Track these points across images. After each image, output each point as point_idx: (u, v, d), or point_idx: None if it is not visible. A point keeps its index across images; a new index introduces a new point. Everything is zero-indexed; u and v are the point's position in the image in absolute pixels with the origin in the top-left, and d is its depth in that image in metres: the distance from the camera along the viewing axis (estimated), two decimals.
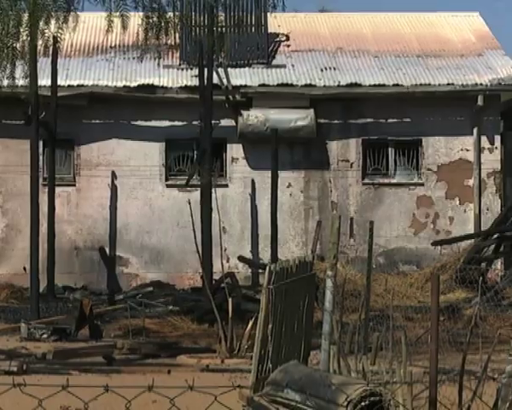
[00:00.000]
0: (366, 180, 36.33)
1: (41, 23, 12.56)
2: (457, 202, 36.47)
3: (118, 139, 35.44)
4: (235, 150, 35.63)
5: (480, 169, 36.47)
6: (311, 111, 35.66)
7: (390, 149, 36.70)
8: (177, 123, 35.03)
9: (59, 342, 23.97)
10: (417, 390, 16.30)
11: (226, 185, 34.72)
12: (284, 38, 37.22)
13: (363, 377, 17.94)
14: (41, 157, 31.48)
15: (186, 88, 34.17)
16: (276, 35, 37.11)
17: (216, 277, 30.08)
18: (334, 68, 36.78)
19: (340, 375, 18.30)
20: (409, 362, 17.26)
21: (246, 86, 35.24)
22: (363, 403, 16.06)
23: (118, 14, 12.27)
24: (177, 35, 16.28)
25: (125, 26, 11.79)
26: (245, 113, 35.30)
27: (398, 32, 39.03)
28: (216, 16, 32.19)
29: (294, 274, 20.20)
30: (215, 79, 33.01)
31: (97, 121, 35.08)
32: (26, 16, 12.06)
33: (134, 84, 34.49)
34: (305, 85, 36.09)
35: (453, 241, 35.08)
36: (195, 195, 32.59)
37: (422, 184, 36.51)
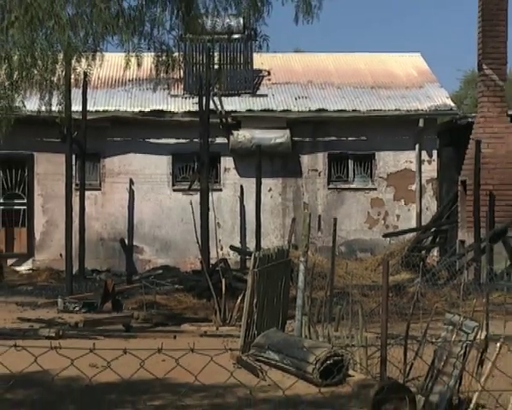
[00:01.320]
0: (331, 185, 36.35)
1: (73, 61, 12.47)
2: (403, 203, 36.51)
3: (134, 153, 35.41)
4: (227, 162, 35.60)
5: (420, 177, 36.54)
6: (288, 131, 35.66)
7: (350, 160, 36.72)
8: (181, 140, 34.98)
9: (88, 313, 23.95)
10: (371, 352, 16.29)
11: (220, 190, 34.66)
12: (266, 72, 37.19)
13: (329, 341, 17.92)
14: (74, 167, 31.41)
15: (189, 113, 34.11)
16: (260, 71, 37.07)
17: (212, 262, 30.06)
18: (306, 97, 36.74)
19: (310, 339, 18.30)
20: (364, 329, 17.26)
21: (236, 111, 35.22)
22: (328, 362, 16.11)
23: (134, 54, 12.19)
24: (182, 70, 16.23)
25: (139, 64, 11.71)
26: (235, 132, 35.31)
27: (356, 68, 39.06)
28: (212, 56, 32.14)
29: (274, 260, 20.26)
30: (211, 106, 33.05)
31: (118, 139, 35.02)
32: (61, 55, 11.98)
33: (147, 109, 34.44)
34: (283, 111, 36.09)
35: (399, 233, 35.20)
36: (196, 197, 32.58)
37: (375, 189, 36.55)
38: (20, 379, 14.02)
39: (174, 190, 35.72)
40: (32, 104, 12.13)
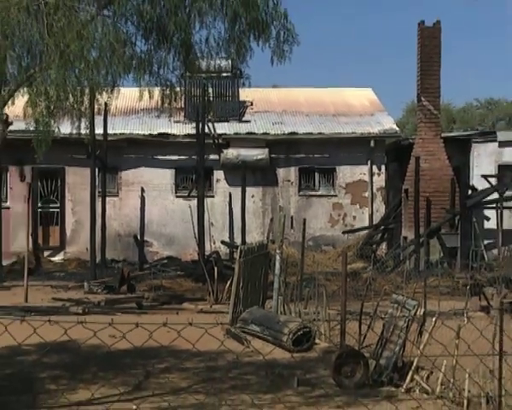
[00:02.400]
0: (301, 193, 36.22)
1: (97, 94, 12.44)
2: (358, 207, 36.40)
3: (145, 167, 35.29)
4: (218, 174, 35.46)
5: (372, 186, 36.45)
6: (266, 150, 35.55)
7: (316, 173, 36.59)
8: (182, 157, 34.83)
9: (108, 294, 23.93)
10: (333, 325, 16.29)
11: (213, 196, 34.51)
12: (249, 103, 37.01)
13: (299, 317, 17.95)
14: (97, 178, 31.38)
15: (188, 135, 33.92)
16: (244, 102, 36.91)
17: (206, 253, 30.02)
18: (281, 123, 36.64)
19: (284, 315, 18.31)
20: (328, 307, 17.25)
21: (225, 134, 35.06)
22: (299, 333, 16.12)
23: (145, 88, 12.15)
24: (182, 102, 16.15)
25: (150, 96, 11.68)
26: (225, 151, 35.19)
27: (321, 100, 38.87)
28: (206, 90, 32.13)
29: (256, 252, 20.34)
30: (206, 130, 33.01)
31: (132, 156, 34.90)
32: (87, 90, 11.91)
33: (155, 132, 34.29)
34: (263, 133, 35.97)
35: (355, 231, 35.11)
36: (194, 202, 32.55)
37: (336, 196, 36.42)
38: (53, 347, 14.00)
39: (176, 197, 35.60)
40: (64, 128, 12.07)
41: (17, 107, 11.24)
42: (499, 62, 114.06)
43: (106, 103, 17.85)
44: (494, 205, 33.34)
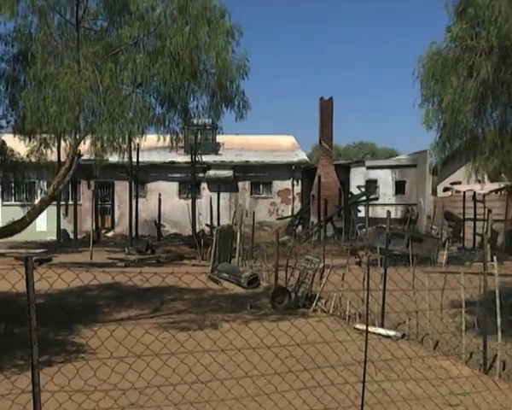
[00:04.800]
0: (252, 196, 36.22)
1: (132, 139, 12.37)
2: (285, 204, 36.49)
3: (161, 181, 35.11)
4: (203, 185, 35.33)
5: (293, 192, 36.57)
6: (232, 171, 35.57)
7: (260, 184, 36.62)
8: (182, 175, 34.68)
9: (139, 255, 23.75)
10: (270, 273, 16.24)
11: (201, 198, 34.35)
12: (222, 144, 36.89)
13: (251, 268, 17.89)
14: (133, 187, 31.17)
15: (186, 162, 33.69)
16: (219, 143, 36.75)
17: (197, 231, 29.90)
18: (240, 155, 36.56)
19: (242, 267, 18.25)
20: (267, 262, 17.24)
21: (208, 162, 35.01)
22: (251, 277, 16.06)
23: (161, 135, 12.14)
24: (183, 143, 16.19)
25: (164, 139, 11.63)
26: (207, 172, 35.19)
27: (263, 142, 38.65)
28: (196, 135, 32.03)
29: (225, 230, 20.19)
30: (197, 159, 32.90)
31: (153, 174, 34.70)
32: (126, 136, 11.86)
33: (167, 160, 34.08)
34: (230, 161, 35.94)
35: (283, 218, 35.17)
36: (189, 202, 32.45)
37: (272, 198, 36.47)
38: (106, 286, 13.85)
39: (179, 198, 35.48)
40: (113, 158, 12.02)
41: (86, 145, 11.23)
42: (367, 119, 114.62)
43: (138, 143, 17.72)
44: (363, 203, 33.82)
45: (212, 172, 35.74)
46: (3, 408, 6.09)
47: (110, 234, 34.62)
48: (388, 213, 21.84)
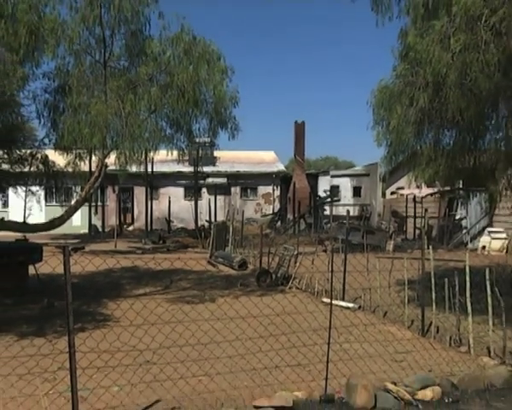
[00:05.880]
0: (241, 199, 36.23)
1: (148, 154, 12.30)
2: (268, 205, 36.45)
3: (170, 187, 34.92)
4: (204, 190, 35.25)
5: (274, 195, 36.56)
6: (226, 179, 35.54)
7: (248, 189, 36.59)
8: (187, 182, 34.58)
9: (153, 244, 23.62)
10: (256, 258, 16.20)
11: (201, 200, 34.28)
12: (219, 158, 36.70)
13: (241, 254, 17.83)
14: (148, 191, 31.00)
15: (190, 172, 33.59)
16: (216, 157, 36.58)
17: (199, 226, 29.76)
18: (233, 167, 36.48)
19: (234, 254, 18.19)
20: (254, 250, 17.20)
21: (207, 172, 34.85)
22: (241, 262, 15.98)
23: (170, 151, 12.06)
24: (187, 156, 16.09)
25: (172, 154, 11.55)
26: (207, 179, 35.10)
27: (250, 156, 38.54)
28: (198, 151, 31.89)
29: (221, 225, 20.14)
30: (199, 169, 32.72)
31: (164, 181, 34.52)
32: (143, 151, 11.74)
33: (175, 170, 33.78)
34: (224, 171, 35.88)
35: (266, 215, 35.19)
36: (192, 202, 32.37)
37: (258, 200, 36.48)
38: (127, 269, 13.74)
39: (185, 200, 35.31)
40: (132, 168, 11.94)
41: (111, 158, 11.16)
42: (333, 137, 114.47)
43: (152, 157, 17.63)
44: (328, 203, 33.83)
45: (210, 180, 35.63)
46: (46, 365, 6.05)
47: (130, 228, 34.36)
48: (348, 211, 21.88)
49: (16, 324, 8.70)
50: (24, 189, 17.96)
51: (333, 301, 6.69)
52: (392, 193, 31.77)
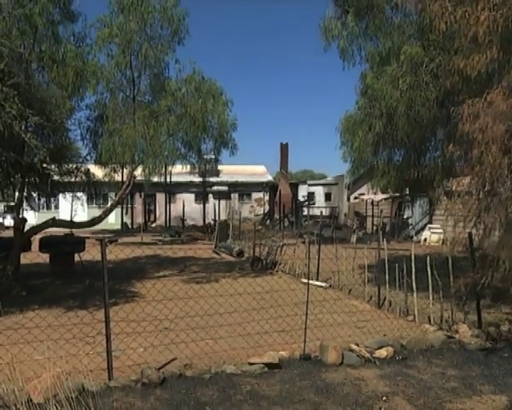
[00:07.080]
0: (239, 202, 36.00)
1: (167, 168, 12.19)
2: (259, 207, 36.28)
3: (184, 193, 34.61)
4: (210, 196, 34.96)
5: (264, 200, 36.41)
6: (227, 187, 35.32)
7: (244, 195, 36.40)
8: (197, 189, 34.38)
9: (171, 237, 23.43)
10: (250, 248, 16.09)
11: (208, 203, 34.10)
12: (221, 170, 36.48)
13: (239, 246, 17.68)
14: (167, 197, 30.74)
15: (200, 181, 33.38)
16: (219, 170, 36.25)
17: (206, 223, 29.58)
18: (232, 177, 36.26)
19: (233, 245, 18.04)
20: (249, 242, 17.07)
21: (212, 181, 34.70)
22: (239, 251, 15.85)
23: (184, 165, 12.01)
24: (197, 169, 16.00)
25: (186, 168, 11.44)
26: (213, 187, 34.87)
27: (246, 170, 38.13)
28: (206, 164, 31.66)
29: (223, 223, 19.99)
30: (206, 179, 32.57)
31: (180, 188, 34.25)
32: (163, 166, 11.57)
33: (188, 180, 33.50)
34: (226, 181, 35.65)
35: (259, 215, 34.96)
36: (201, 205, 32.16)
37: (252, 203, 36.35)
38: (150, 257, 13.63)
39: (195, 204, 35.03)
40: (155, 178, 11.81)
41: (138, 171, 11.10)
42: (310, 152, 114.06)
43: (170, 170, 17.56)
44: (306, 206, 33.79)
45: (215, 188, 35.38)
46: (87, 332, 6.01)
47: (153, 225, 34.03)
48: (321, 212, 21.91)
49: (64, 299, 8.63)
50: (71, 194, 17.87)
51: (309, 281, 6.68)
52: (356, 198, 31.82)
